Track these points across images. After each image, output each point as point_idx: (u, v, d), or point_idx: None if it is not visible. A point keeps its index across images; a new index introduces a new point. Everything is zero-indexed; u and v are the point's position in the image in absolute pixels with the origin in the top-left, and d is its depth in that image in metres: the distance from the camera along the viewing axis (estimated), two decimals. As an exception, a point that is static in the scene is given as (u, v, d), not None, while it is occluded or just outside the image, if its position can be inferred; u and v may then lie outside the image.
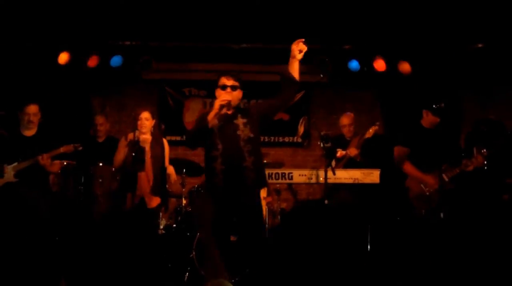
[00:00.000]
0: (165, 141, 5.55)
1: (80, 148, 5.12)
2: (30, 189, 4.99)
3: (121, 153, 5.27)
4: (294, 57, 4.02)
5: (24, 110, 5.03)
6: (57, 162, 5.22)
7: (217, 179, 3.94)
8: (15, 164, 4.93)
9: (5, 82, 6.57)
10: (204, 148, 4.08)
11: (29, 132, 5.08)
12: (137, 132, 5.18)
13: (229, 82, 4.10)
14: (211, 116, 3.93)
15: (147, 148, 5.31)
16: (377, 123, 5.87)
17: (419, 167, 5.11)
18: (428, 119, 5.26)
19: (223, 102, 3.95)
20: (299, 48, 3.98)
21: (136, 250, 5.19)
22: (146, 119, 5.30)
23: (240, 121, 4.06)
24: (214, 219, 3.94)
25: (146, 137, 5.27)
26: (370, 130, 5.82)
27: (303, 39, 3.97)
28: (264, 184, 4.11)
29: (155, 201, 5.25)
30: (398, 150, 5.31)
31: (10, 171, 4.93)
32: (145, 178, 5.19)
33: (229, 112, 4.06)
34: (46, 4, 5.88)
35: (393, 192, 5.59)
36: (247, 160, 3.93)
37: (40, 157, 4.88)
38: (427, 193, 4.98)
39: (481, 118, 5.17)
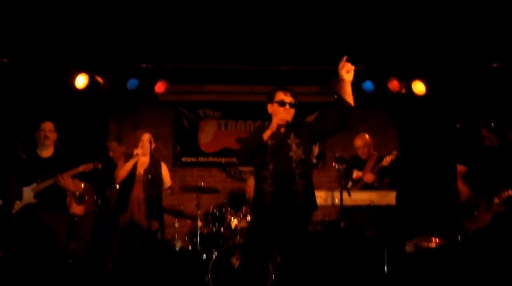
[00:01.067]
0: (163, 165, 5.50)
1: (100, 166, 5.13)
2: (49, 210, 5.01)
3: (122, 170, 5.29)
4: (342, 80, 3.85)
5: (40, 127, 5.07)
6: (78, 181, 5.25)
7: (266, 201, 3.82)
8: (34, 185, 4.97)
9: (24, 105, 6.67)
10: (255, 166, 3.96)
11: (46, 153, 5.12)
12: (138, 151, 5.20)
13: (287, 98, 3.92)
14: (267, 135, 3.81)
15: (141, 171, 5.30)
16: (394, 152, 5.81)
17: (475, 186, 4.99)
18: (489, 138, 5.07)
19: (281, 122, 3.85)
20: (345, 69, 3.81)
21: (151, 271, 5.19)
22: (147, 141, 5.29)
23: (293, 141, 3.89)
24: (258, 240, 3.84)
25: (143, 160, 5.26)
26: (387, 158, 5.76)
27: (346, 57, 3.81)
28: (314, 208, 3.95)
29: (153, 225, 5.23)
30: (457, 168, 5.18)
31: (29, 192, 4.96)
32: (135, 200, 5.19)
33: (282, 130, 3.91)
34: (65, 28, 5.98)
35: (443, 209, 5.48)
36: (298, 183, 3.79)
37: (60, 177, 4.91)
38: (476, 213, 4.90)
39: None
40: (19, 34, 6.06)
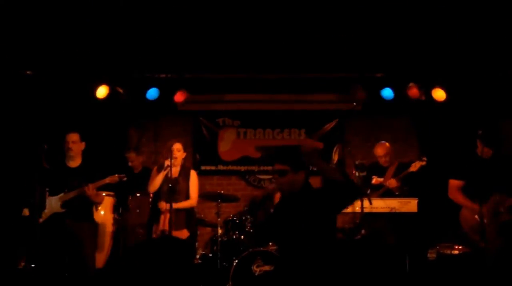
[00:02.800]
0: (193, 173, 5.54)
1: (125, 179, 5.17)
2: (76, 219, 5.06)
3: (155, 181, 5.34)
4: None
5: (66, 139, 5.14)
6: (101, 192, 5.31)
7: None
8: (61, 194, 5.03)
9: (48, 116, 6.78)
10: None
11: (74, 163, 5.18)
12: (168, 162, 5.25)
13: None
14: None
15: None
16: (424, 158, 5.70)
17: (474, 197, 4.88)
18: (483, 149, 4.98)
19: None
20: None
21: (172, 280, 5.20)
22: (177, 151, 5.37)
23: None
24: None
25: (174, 170, 5.32)
26: (417, 164, 5.67)
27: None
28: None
29: (182, 234, 5.25)
30: (452, 183, 5.13)
31: (56, 201, 5.02)
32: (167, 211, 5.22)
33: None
34: (85, 40, 6.08)
35: (445, 223, 5.43)
36: None
37: (86, 187, 4.97)
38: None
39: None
40: (41, 47, 6.18)
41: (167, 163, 5.25)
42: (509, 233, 4.75)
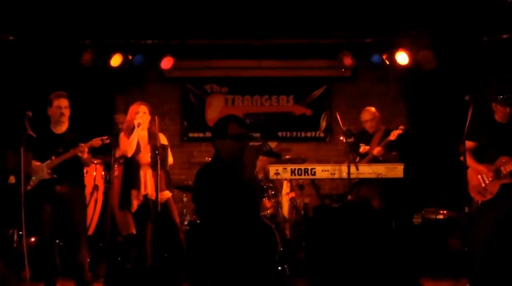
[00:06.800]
0: (162, 136, 5.45)
1: (107, 141, 5.10)
2: (66, 185, 5.01)
3: (131, 142, 5.21)
4: None
5: (54, 104, 5.02)
6: (90, 155, 5.18)
7: None
8: (48, 161, 4.97)
9: (31, 83, 6.68)
10: None
11: (60, 129, 5.09)
12: (139, 120, 5.17)
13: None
14: None
15: (144, 145, 5.27)
16: (401, 127, 5.78)
17: (485, 160, 4.90)
18: (499, 112, 4.95)
19: None
20: None
21: (161, 245, 5.23)
22: (144, 113, 5.25)
23: None
24: None
25: (142, 134, 5.24)
26: (395, 132, 5.75)
27: None
28: None
29: (164, 196, 5.23)
30: (466, 145, 5.00)
31: (43, 168, 4.96)
32: (152, 176, 5.18)
33: None
34: (71, 4, 5.96)
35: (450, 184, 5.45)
36: None
37: (79, 148, 4.91)
38: (483, 185, 4.87)
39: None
40: (24, 12, 6.05)
41: (137, 122, 5.13)
42: (508, 195, 4.80)
